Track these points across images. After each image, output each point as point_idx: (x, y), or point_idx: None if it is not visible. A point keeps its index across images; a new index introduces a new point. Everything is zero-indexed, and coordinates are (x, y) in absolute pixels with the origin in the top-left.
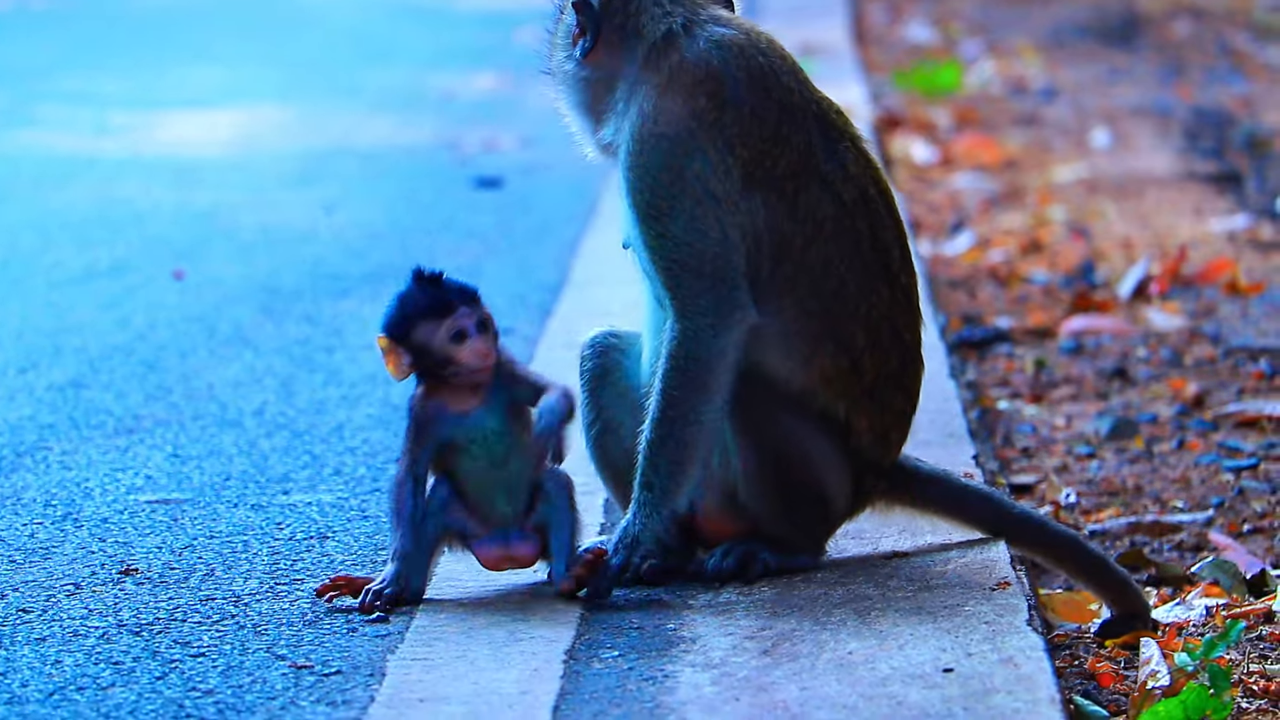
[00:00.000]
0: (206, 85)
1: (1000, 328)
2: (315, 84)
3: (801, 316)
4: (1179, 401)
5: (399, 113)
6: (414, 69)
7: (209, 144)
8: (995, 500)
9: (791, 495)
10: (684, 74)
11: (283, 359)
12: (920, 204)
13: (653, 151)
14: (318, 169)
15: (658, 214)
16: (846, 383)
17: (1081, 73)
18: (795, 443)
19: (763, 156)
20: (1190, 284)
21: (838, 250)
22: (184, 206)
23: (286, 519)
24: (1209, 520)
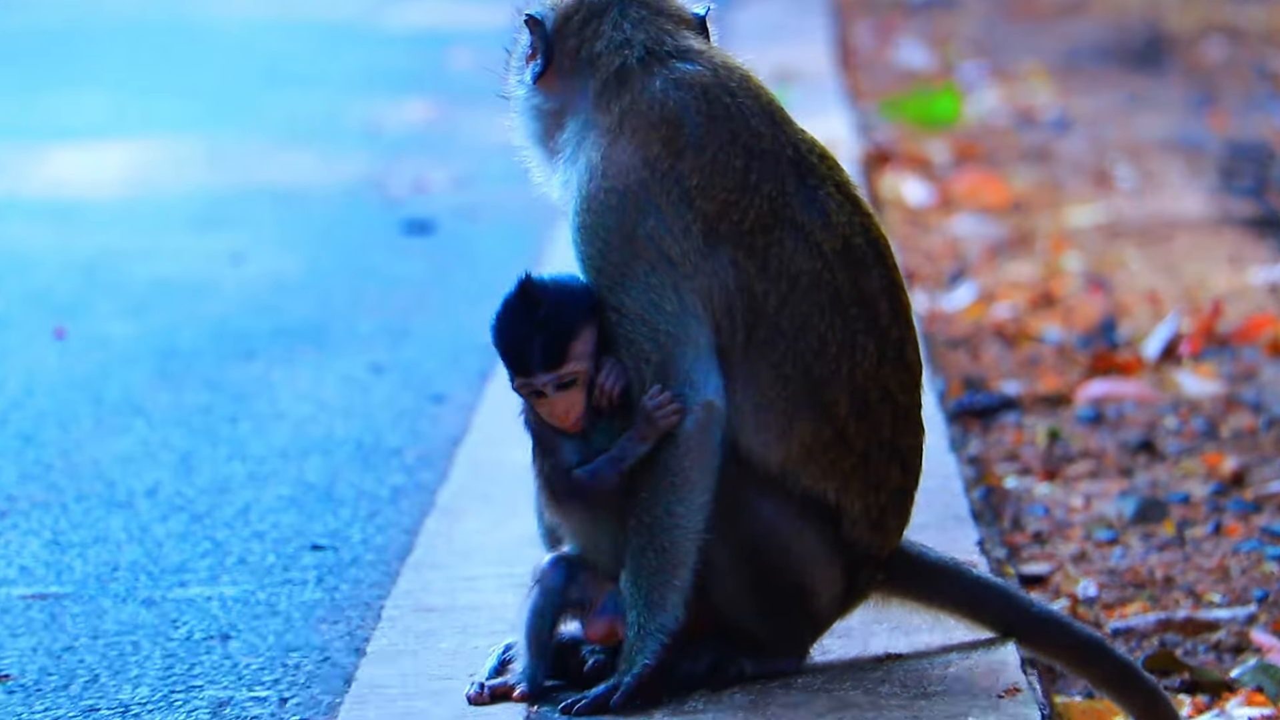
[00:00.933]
0: (93, 115)
1: (1007, 394)
2: (218, 113)
3: (778, 383)
4: (1215, 479)
5: (316, 146)
6: (333, 96)
7: (96, 183)
8: (1010, 595)
9: (772, 596)
10: (635, 117)
11: (180, 431)
12: (914, 251)
13: (601, 209)
14: (222, 211)
15: (610, 284)
16: (833, 457)
17: (1099, 101)
18: (776, 534)
19: (728, 209)
20: (1226, 343)
21: (815, 306)
22: (66, 254)
23: (183, 615)
24: (1251, 617)
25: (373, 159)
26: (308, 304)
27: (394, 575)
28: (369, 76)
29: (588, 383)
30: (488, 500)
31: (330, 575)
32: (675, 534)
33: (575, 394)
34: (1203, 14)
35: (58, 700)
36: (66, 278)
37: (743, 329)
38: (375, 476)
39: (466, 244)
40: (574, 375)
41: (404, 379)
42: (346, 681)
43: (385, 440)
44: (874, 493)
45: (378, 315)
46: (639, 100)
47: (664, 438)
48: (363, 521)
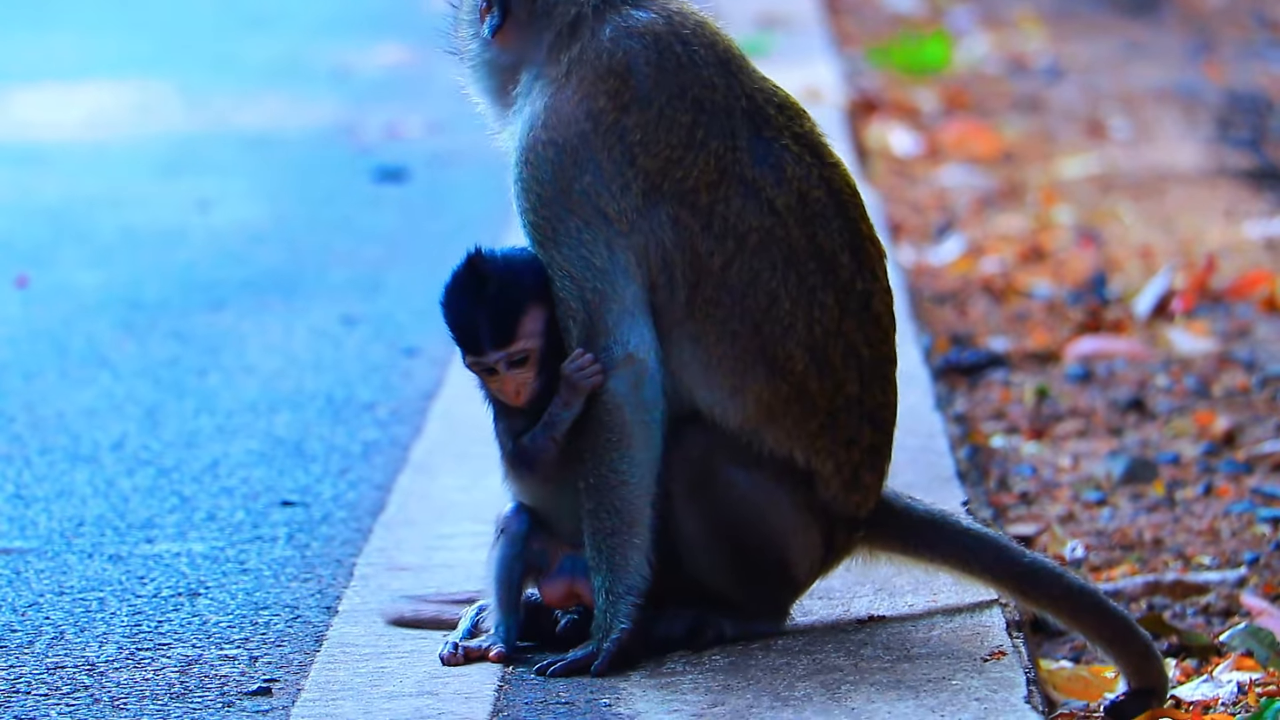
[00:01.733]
0: (55, 56)
1: (995, 350)
2: (185, 56)
3: (724, 340)
4: (1206, 439)
5: (286, 91)
6: (303, 38)
7: (59, 126)
8: (1001, 546)
9: (746, 562)
10: (583, 67)
11: (146, 383)
12: (901, 203)
13: (539, 162)
14: (189, 157)
15: (543, 238)
16: (796, 416)
17: (1093, 48)
18: (749, 501)
19: (670, 166)
20: (1220, 300)
21: (766, 263)
22: (29, 201)
23: (150, 572)
24: (1241, 580)
25: (344, 104)
26: (277, 253)
27: (366, 532)
28: (339, 19)
29: (539, 360)
30: (462, 457)
31: (301, 532)
32: (623, 491)
33: (526, 372)
34: None
35: (22, 657)
36: (29, 225)
37: (684, 287)
38: (347, 431)
39: (440, 192)
40: (524, 353)
41: (376, 331)
42: (318, 640)
43: (357, 394)
44: (845, 450)
45: (349, 266)
46: (587, 49)
47: (597, 397)
48: (334, 477)
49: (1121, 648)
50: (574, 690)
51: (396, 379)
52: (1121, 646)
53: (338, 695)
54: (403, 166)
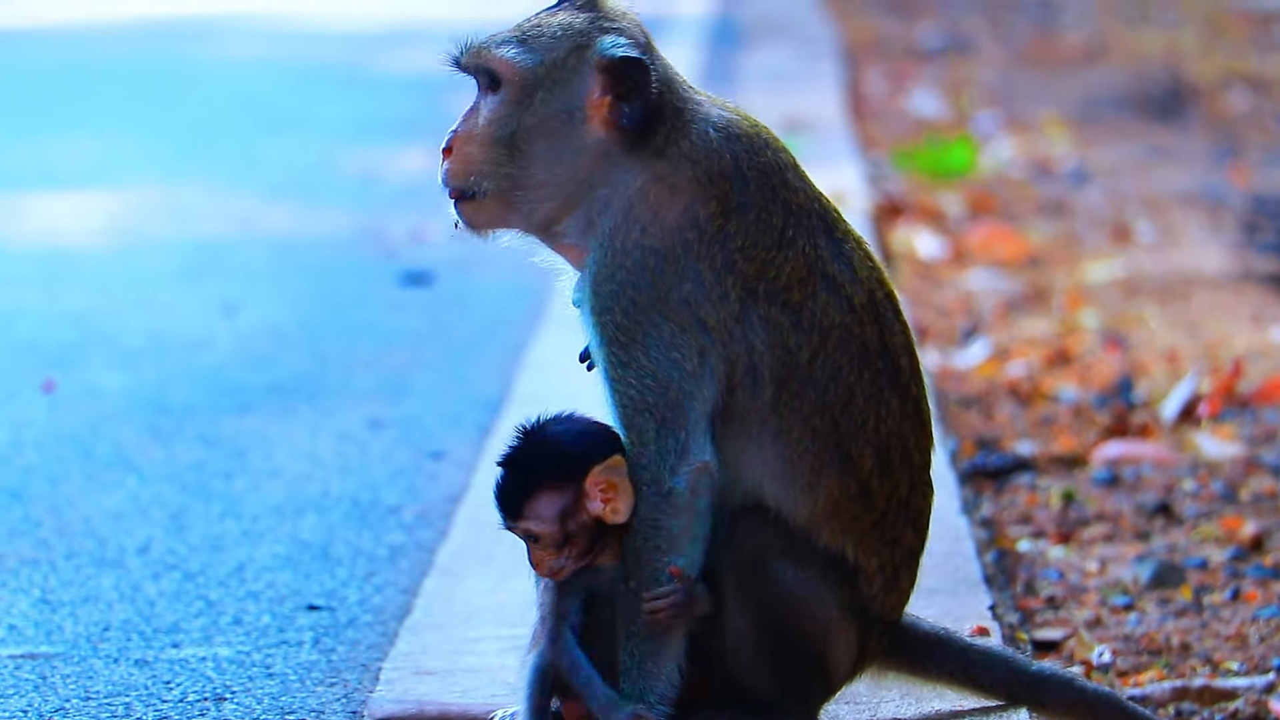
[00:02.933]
0: (80, 161)
1: (1021, 454)
2: (209, 160)
3: (806, 437)
4: (1234, 544)
5: (310, 195)
6: (327, 143)
7: (84, 232)
8: (1008, 659)
9: (788, 656)
10: (691, 168)
11: (173, 487)
12: (927, 307)
13: (637, 269)
14: (214, 262)
15: (628, 339)
16: (855, 513)
17: (1118, 152)
18: (795, 593)
19: (766, 267)
20: (1247, 404)
21: (845, 358)
22: (55, 306)
23: (176, 677)
24: (1269, 686)
25: (369, 208)
26: (303, 357)
27: (392, 637)
28: (363, 123)
29: (558, 544)
30: (489, 560)
31: (327, 636)
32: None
33: (541, 550)
34: (1225, 63)
35: None
36: (56, 328)
37: (771, 384)
38: (373, 535)
39: (465, 296)
40: (534, 533)
41: (402, 435)
42: None
43: (383, 498)
44: (889, 550)
45: (375, 369)
46: (695, 149)
47: (655, 500)
48: (360, 581)
49: None
50: None
51: (422, 482)
52: None
53: None
54: (428, 270)
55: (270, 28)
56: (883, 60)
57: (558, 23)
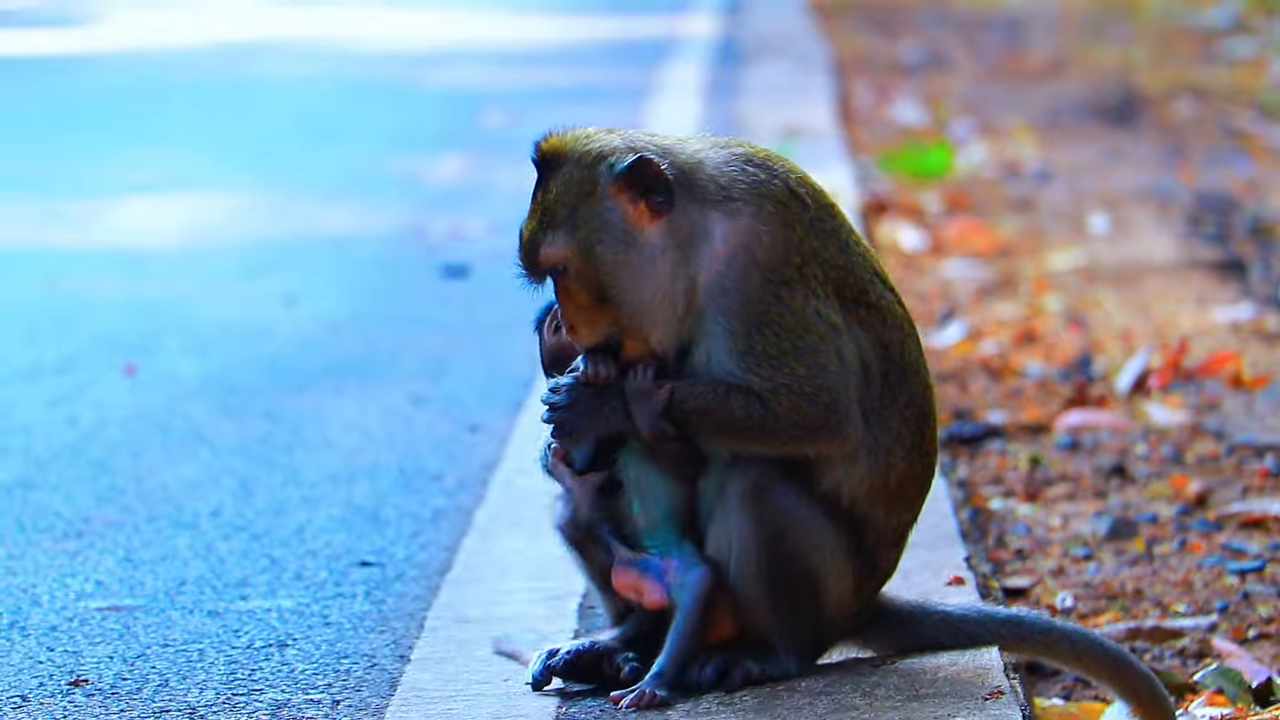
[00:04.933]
0: (155, 170)
1: (993, 423)
2: (270, 168)
3: (903, 424)
4: (1181, 501)
5: (360, 198)
6: (375, 151)
7: (159, 232)
8: (983, 608)
9: (786, 579)
10: (757, 202)
11: (240, 458)
12: (909, 293)
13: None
14: (275, 258)
15: (777, 361)
16: (900, 486)
17: (1078, 154)
18: (802, 519)
19: (845, 274)
20: (1192, 377)
21: (912, 346)
22: (134, 299)
23: (244, 626)
24: (1213, 626)
25: (413, 209)
26: (354, 342)
27: (435, 589)
28: (407, 133)
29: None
30: (520, 522)
31: (377, 589)
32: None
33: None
34: (1173, 75)
35: (131, 704)
36: (136, 320)
37: (879, 376)
38: (417, 499)
39: (500, 287)
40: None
41: (443, 410)
42: (392, 686)
43: (426, 466)
44: (906, 513)
45: (418, 352)
46: (742, 188)
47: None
48: (406, 540)
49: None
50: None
51: (461, 452)
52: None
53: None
54: (466, 264)
55: (324, 49)
56: (869, 74)
57: (559, 190)
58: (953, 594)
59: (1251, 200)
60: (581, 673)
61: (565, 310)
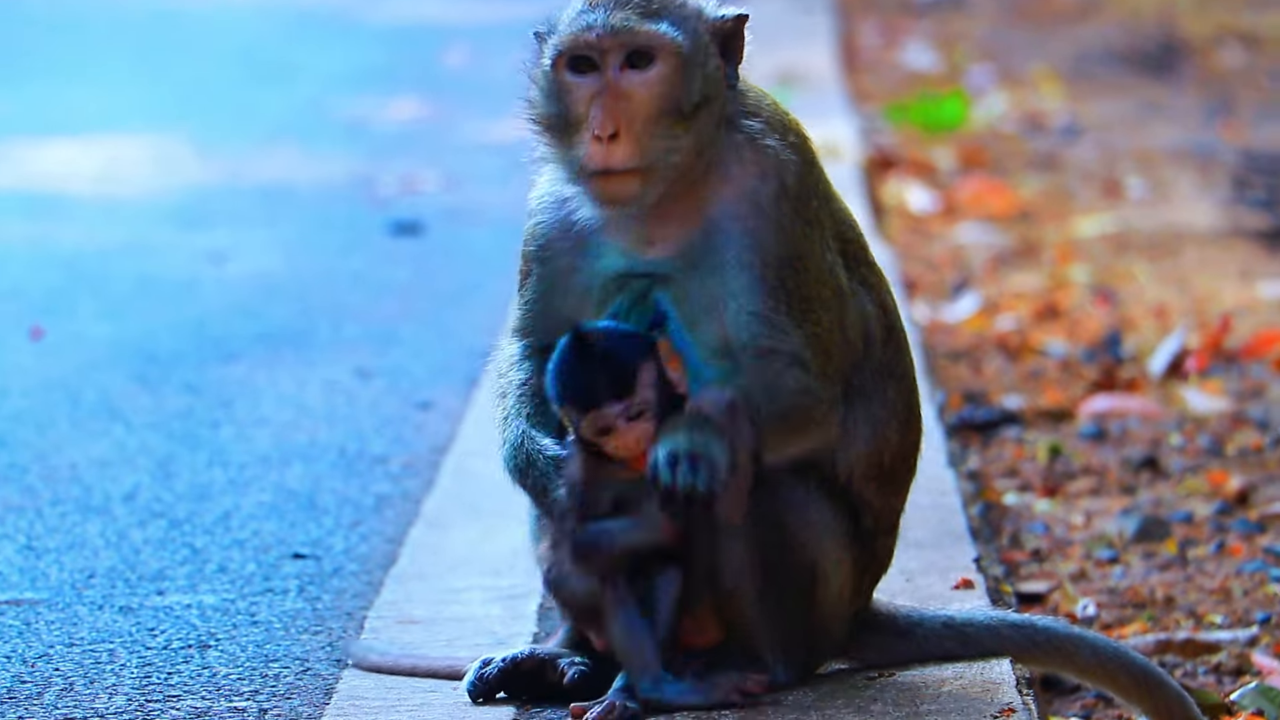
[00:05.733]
0: (73, 109)
1: (1009, 408)
2: (202, 109)
3: (891, 392)
4: (1219, 498)
5: (301, 144)
6: (319, 92)
7: (75, 177)
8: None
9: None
10: (781, 131)
11: (159, 435)
12: (917, 260)
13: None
14: (204, 209)
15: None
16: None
17: (1110, 108)
18: (806, 517)
19: (848, 230)
20: (1234, 359)
21: (903, 317)
22: (44, 251)
23: (161, 624)
24: (1253, 639)
25: (360, 157)
26: (291, 306)
27: (377, 586)
28: (356, 73)
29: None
30: (475, 511)
31: (312, 585)
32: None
33: (645, 424)
34: (1219, 19)
35: (31, 709)
36: (44, 274)
37: (879, 343)
38: (359, 484)
39: (455, 247)
40: (644, 404)
41: (390, 385)
42: (327, 694)
43: (370, 447)
44: (897, 497)
45: (363, 319)
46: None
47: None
48: (346, 530)
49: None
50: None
51: (409, 432)
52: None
53: None
54: (418, 220)
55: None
56: (876, 13)
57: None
58: (960, 598)
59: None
60: (522, 681)
61: (612, 110)
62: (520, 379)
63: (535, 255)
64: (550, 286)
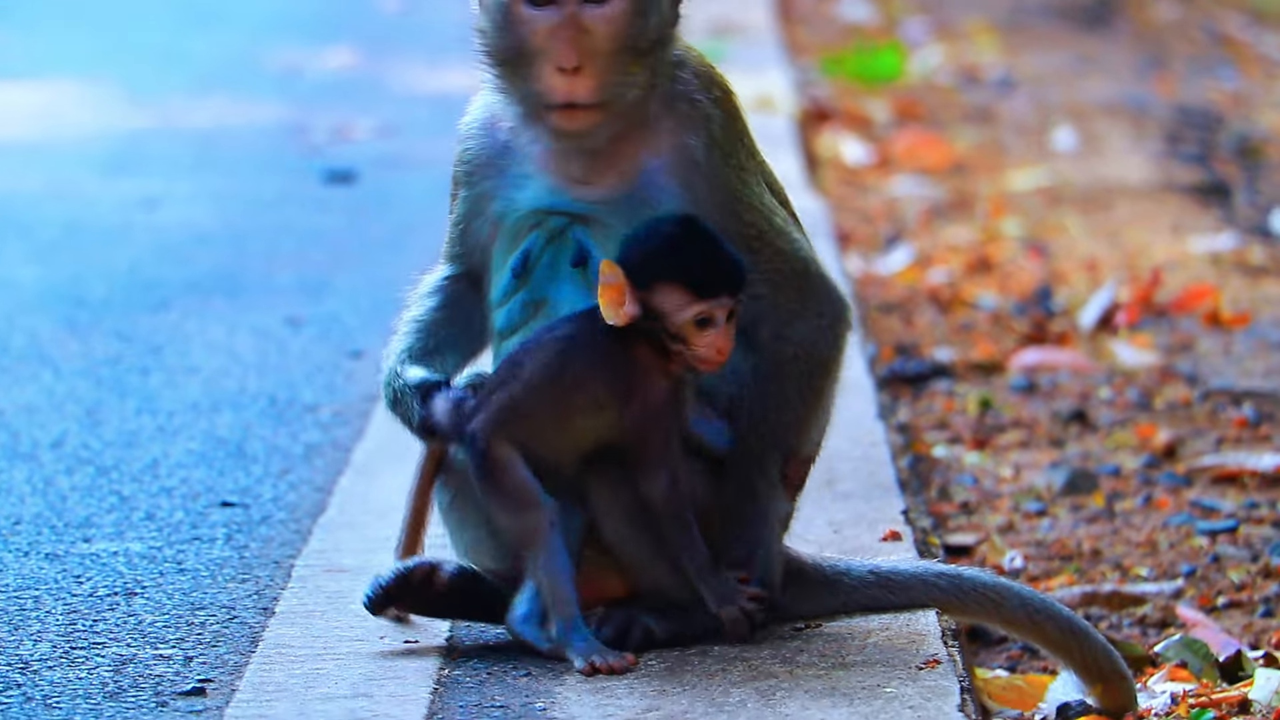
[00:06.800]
0: (2, 54)
1: (940, 361)
2: (133, 54)
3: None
4: (1147, 451)
5: (233, 91)
6: (252, 38)
7: (4, 121)
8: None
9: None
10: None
11: (87, 382)
12: (851, 212)
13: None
14: (134, 155)
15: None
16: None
17: (1045, 61)
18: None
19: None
20: (1164, 314)
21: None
22: None
23: (87, 571)
24: (1178, 592)
25: (293, 105)
26: (223, 254)
27: (305, 534)
28: (289, 18)
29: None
30: (404, 459)
31: (240, 533)
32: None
33: (731, 332)
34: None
35: None
36: None
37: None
38: (289, 433)
39: (389, 195)
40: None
41: (321, 333)
42: (254, 641)
43: (300, 396)
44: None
45: (295, 267)
46: (707, 69)
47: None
48: (274, 479)
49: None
50: (509, 694)
51: (340, 381)
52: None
53: (272, 696)
54: (351, 169)
55: None
56: None
57: None
58: (888, 550)
59: (1238, 116)
60: (412, 590)
61: (574, 43)
62: (413, 314)
63: (462, 178)
64: (470, 210)
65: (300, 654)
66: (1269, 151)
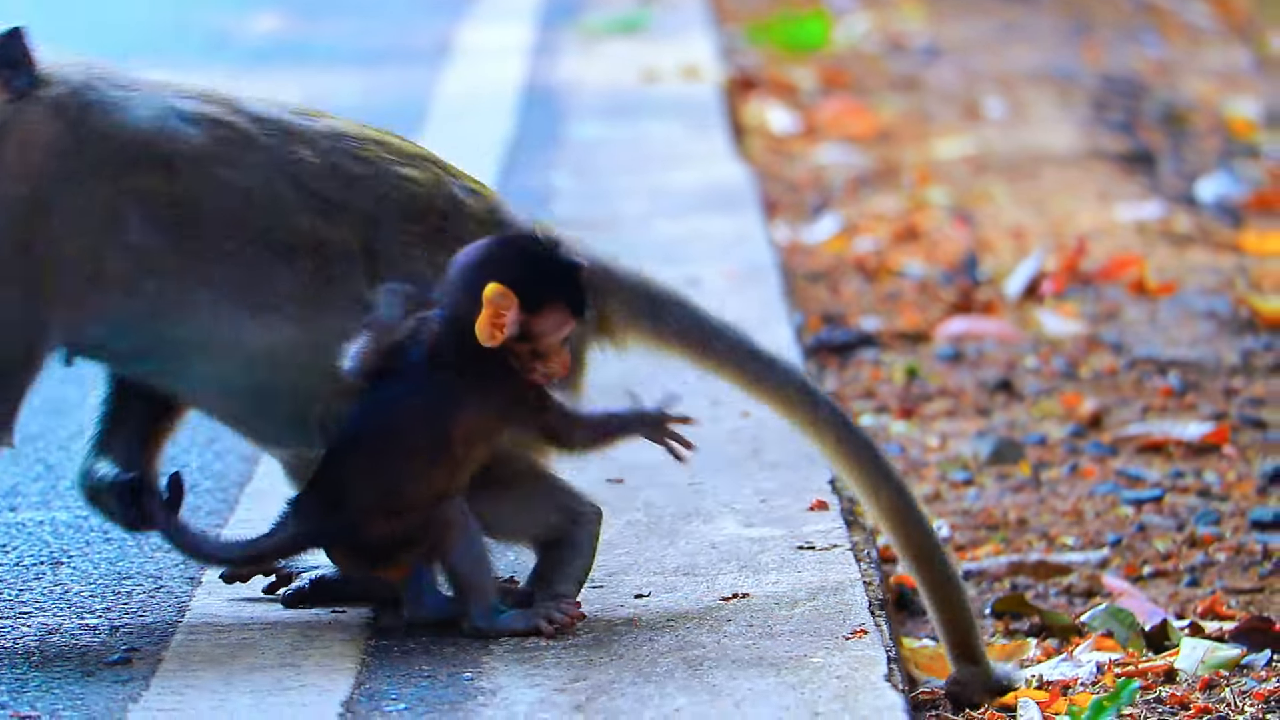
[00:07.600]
0: None
1: (866, 330)
2: (56, 19)
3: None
4: (1073, 421)
5: (158, 57)
6: (177, 3)
7: None
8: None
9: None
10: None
11: None
12: (777, 181)
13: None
14: None
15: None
16: None
17: (971, 29)
18: None
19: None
20: (1090, 282)
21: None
22: None
23: (12, 541)
24: (1103, 561)
25: (220, 71)
26: None
27: (233, 503)
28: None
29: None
30: None
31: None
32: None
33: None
34: None
35: None
36: None
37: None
38: None
39: None
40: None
41: None
42: (180, 611)
43: None
44: None
45: None
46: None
47: None
48: (201, 447)
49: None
50: (436, 664)
51: None
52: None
53: (199, 665)
54: None
55: None
56: None
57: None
58: (814, 520)
59: (1163, 85)
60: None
61: None
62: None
63: None
64: None
65: (226, 624)
66: (1194, 120)
